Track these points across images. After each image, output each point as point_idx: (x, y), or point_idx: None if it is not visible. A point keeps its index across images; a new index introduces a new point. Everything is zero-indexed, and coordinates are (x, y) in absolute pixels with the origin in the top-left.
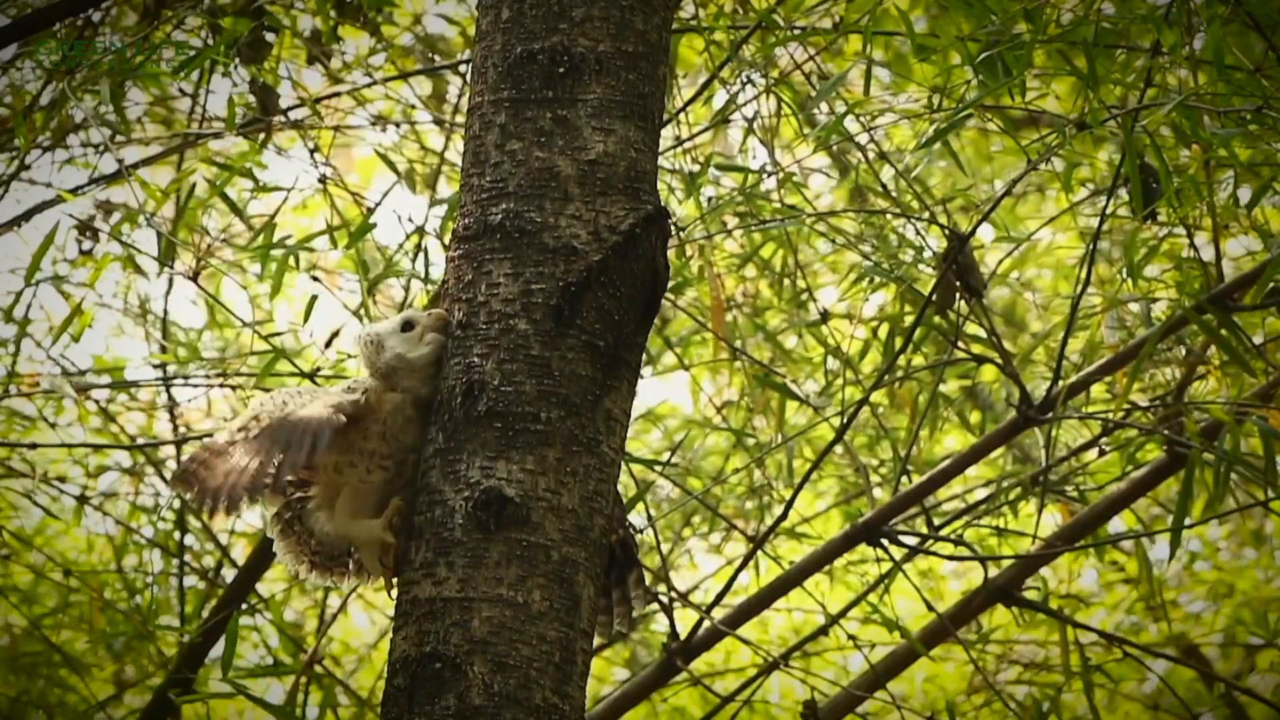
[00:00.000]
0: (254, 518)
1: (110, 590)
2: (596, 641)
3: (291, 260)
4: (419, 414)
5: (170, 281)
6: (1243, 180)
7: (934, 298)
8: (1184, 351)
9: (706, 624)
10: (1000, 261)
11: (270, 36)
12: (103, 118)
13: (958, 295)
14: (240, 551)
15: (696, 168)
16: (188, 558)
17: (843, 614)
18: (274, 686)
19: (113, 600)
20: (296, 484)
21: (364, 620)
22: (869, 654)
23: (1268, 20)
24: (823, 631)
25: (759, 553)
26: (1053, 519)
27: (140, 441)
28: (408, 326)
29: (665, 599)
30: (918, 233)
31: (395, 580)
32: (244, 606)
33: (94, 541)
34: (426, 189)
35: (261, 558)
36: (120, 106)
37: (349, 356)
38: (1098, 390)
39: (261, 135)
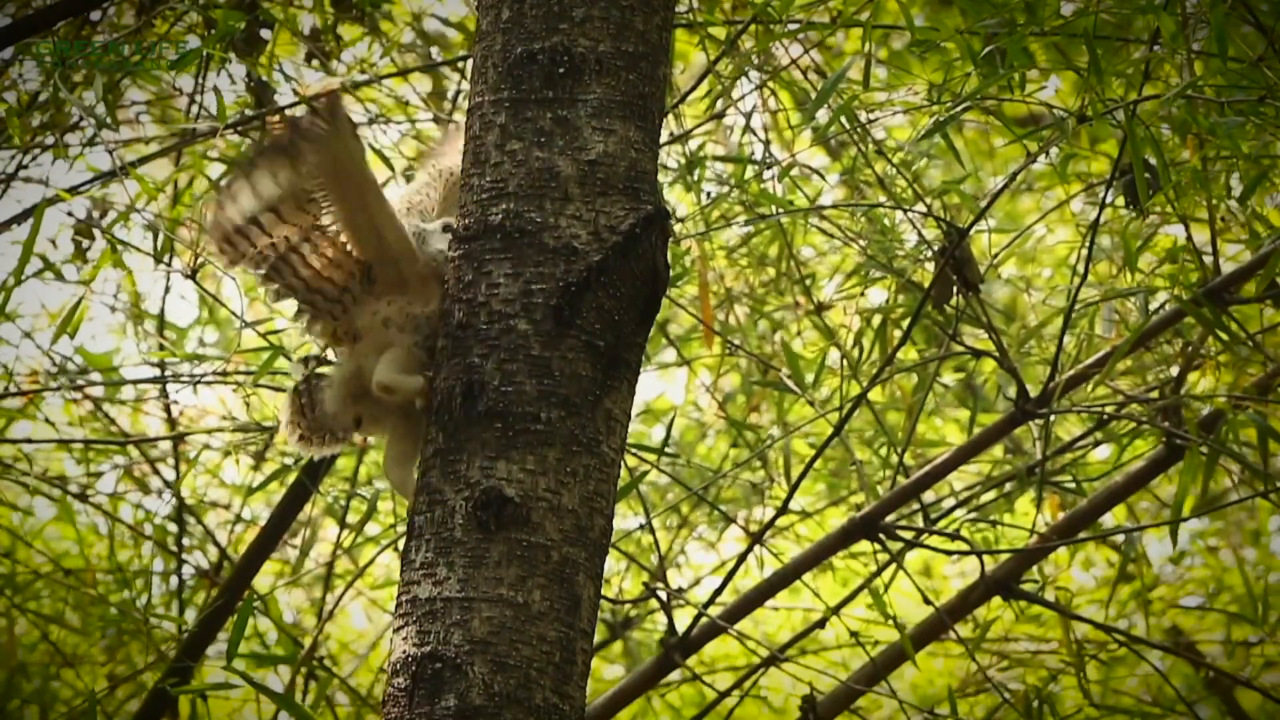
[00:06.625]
0: (245, 513)
1: (104, 585)
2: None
3: None
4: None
5: (168, 278)
6: (1240, 171)
7: (931, 292)
8: (1181, 344)
9: (704, 619)
10: (997, 254)
11: (265, 32)
12: (92, 112)
13: (955, 289)
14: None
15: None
16: (185, 555)
17: (840, 606)
18: (272, 681)
19: (104, 594)
20: (319, 361)
21: (363, 620)
22: (869, 649)
23: (1267, 15)
24: (820, 625)
25: (757, 548)
26: (1044, 519)
27: (136, 438)
28: (448, 229)
29: (663, 595)
30: (914, 227)
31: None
32: (245, 598)
33: (88, 537)
34: None
35: (259, 553)
36: (113, 101)
37: None
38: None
39: (258, 132)
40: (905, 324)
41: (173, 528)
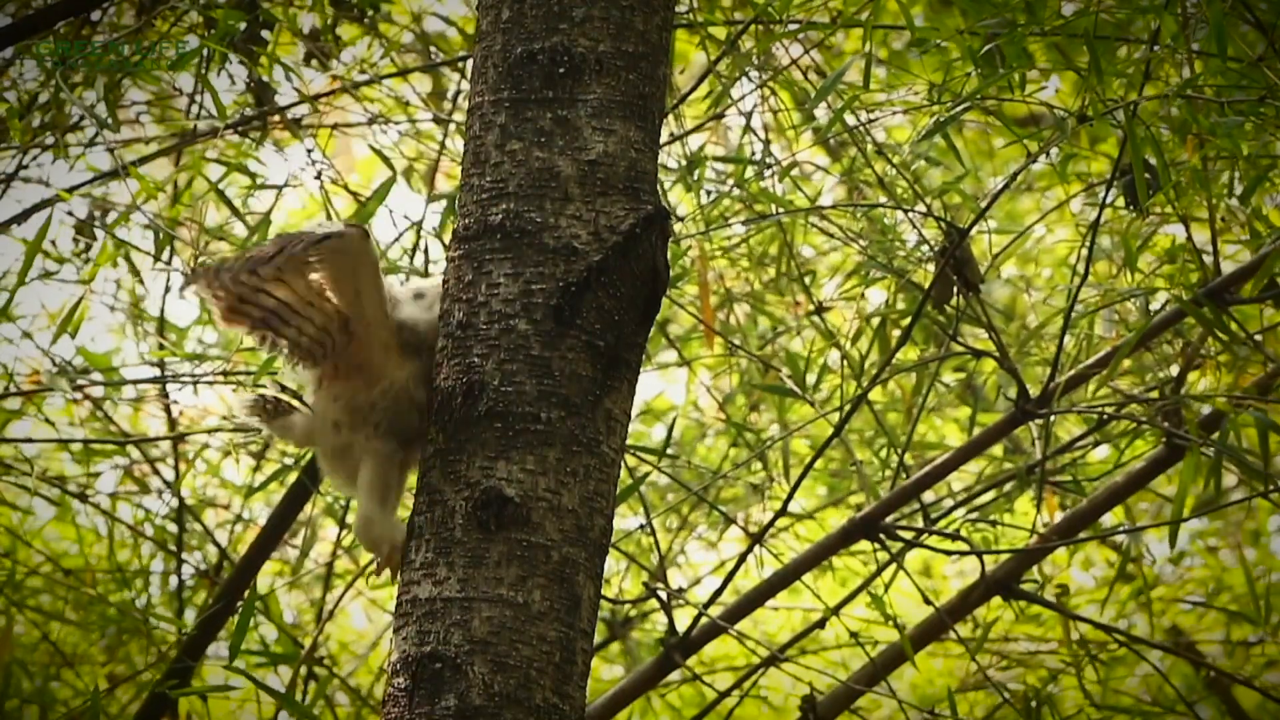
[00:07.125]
0: (245, 513)
1: (104, 585)
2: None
3: None
4: (421, 403)
5: (168, 278)
6: (1240, 171)
7: (931, 292)
8: (1182, 344)
9: (704, 620)
10: (997, 254)
11: (265, 32)
12: (92, 112)
13: (955, 289)
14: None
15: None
16: (185, 555)
17: (840, 606)
18: (272, 682)
19: (104, 594)
20: (296, 400)
21: (362, 621)
22: (869, 649)
23: (1267, 14)
24: (820, 625)
25: (757, 549)
26: (1044, 519)
27: (135, 438)
28: (419, 297)
29: (663, 595)
30: (914, 227)
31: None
32: (247, 597)
33: (88, 537)
34: (425, 186)
35: (259, 553)
36: (113, 101)
37: None
38: (1095, 384)
39: (258, 132)
40: (905, 324)
41: (173, 528)
